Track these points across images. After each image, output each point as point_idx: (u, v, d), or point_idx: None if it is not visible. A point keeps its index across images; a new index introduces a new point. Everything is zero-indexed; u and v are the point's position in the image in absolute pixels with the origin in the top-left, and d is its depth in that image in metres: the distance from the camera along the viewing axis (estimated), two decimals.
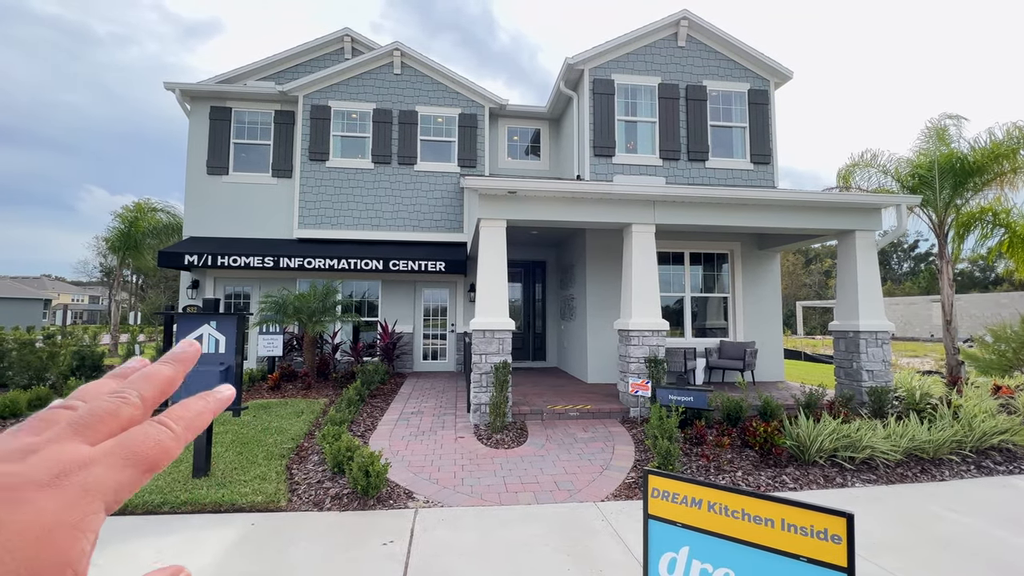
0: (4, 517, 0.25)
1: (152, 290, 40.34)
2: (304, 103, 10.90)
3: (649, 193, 7.19)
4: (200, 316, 4.57)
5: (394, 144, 11.07)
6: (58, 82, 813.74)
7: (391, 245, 10.77)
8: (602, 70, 9.98)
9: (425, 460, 5.17)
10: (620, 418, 6.78)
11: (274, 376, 8.61)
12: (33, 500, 0.27)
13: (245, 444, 5.41)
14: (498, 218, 6.93)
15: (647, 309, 7.05)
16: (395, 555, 3.29)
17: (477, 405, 6.49)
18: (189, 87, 10.85)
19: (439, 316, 11.70)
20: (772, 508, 1.60)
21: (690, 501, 1.76)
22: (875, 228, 7.74)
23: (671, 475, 1.82)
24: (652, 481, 1.85)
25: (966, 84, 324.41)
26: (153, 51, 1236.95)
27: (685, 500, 1.78)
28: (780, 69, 10.39)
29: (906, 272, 47.55)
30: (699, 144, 10.11)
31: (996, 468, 5.10)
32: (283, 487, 4.32)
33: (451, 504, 4.16)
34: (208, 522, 3.74)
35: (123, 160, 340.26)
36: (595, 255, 9.49)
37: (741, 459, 5.16)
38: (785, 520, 1.58)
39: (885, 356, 7.33)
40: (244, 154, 11.21)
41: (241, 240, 10.69)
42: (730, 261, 9.98)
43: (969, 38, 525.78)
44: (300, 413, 6.85)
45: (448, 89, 11.36)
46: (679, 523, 1.79)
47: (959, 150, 9.59)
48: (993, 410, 5.98)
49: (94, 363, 8.28)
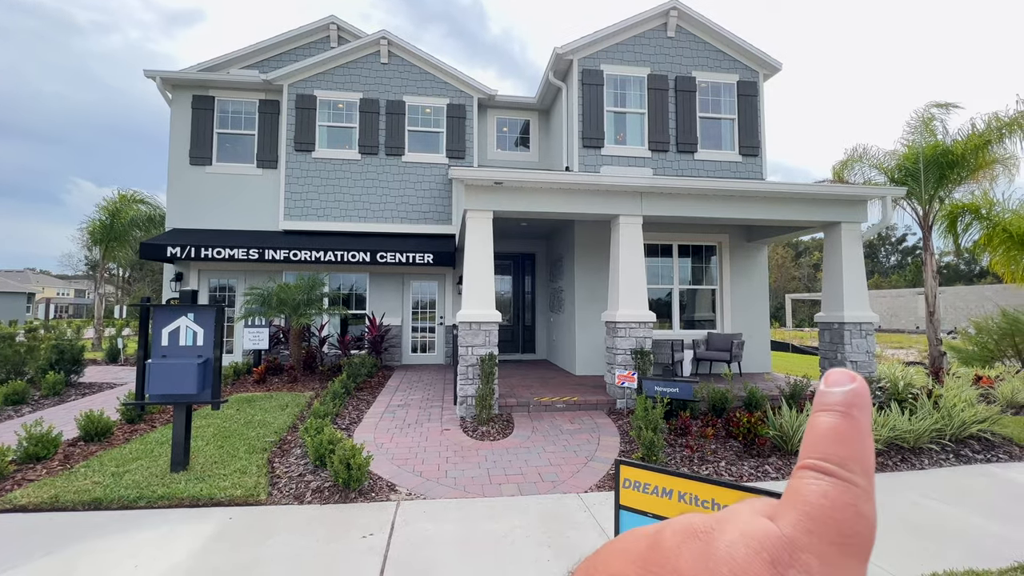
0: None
1: (139, 283, 39.78)
2: (289, 92, 10.71)
3: (636, 184, 7.15)
4: (177, 308, 4.47)
5: (381, 135, 10.93)
6: (41, 71, 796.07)
7: (379, 237, 10.66)
8: (591, 60, 9.89)
9: (410, 453, 5.14)
10: (607, 410, 6.79)
11: (260, 369, 8.52)
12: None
13: (227, 438, 5.34)
14: (484, 209, 6.86)
15: (634, 301, 7.04)
16: (374, 548, 3.26)
17: (463, 397, 6.46)
18: (170, 75, 10.61)
19: (428, 309, 11.63)
20: (741, 498, 1.58)
21: (661, 491, 1.74)
22: (861, 220, 7.78)
23: (642, 465, 1.79)
24: (624, 471, 1.82)
25: (959, 74, 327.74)
26: (136, 39, 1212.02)
27: (656, 490, 1.76)
28: (769, 61, 10.36)
29: (893, 265, 48.13)
30: (688, 136, 10.08)
31: (974, 457, 5.17)
32: (263, 481, 4.26)
33: (434, 496, 4.14)
34: (185, 517, 3.68)
35: (111, 152, 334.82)
36: (584, 247, 9.46)
37: (725, 449, 5.18)
38: None
39: (869, 347, 7.40)
40: (228, 144, 11.00)
41: (225, 232, 10.52)
42: (718, 253, 10.00)
43: (963, 28, 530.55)
44: (285, 406, 6.79)
45: (436, 79, 11.22)
46: (650, 513, 1.77)
47: (944, 142, 9.65)
48: (973, 400, 6.06)
49: (73, 357, 8.13)
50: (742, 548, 0.24)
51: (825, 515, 0.24)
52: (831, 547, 0.24)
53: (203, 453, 4.86)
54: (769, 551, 0.24)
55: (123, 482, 4.13)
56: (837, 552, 0.24)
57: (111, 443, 5.19)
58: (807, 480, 0.26)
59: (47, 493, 3.90)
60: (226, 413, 6.35)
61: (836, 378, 0.29)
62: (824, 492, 0.25)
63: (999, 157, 9.40)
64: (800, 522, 0.24)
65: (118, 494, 3.92)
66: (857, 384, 0.28)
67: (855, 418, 0.27)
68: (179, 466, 4.39)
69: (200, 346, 4.44)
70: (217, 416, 6.18)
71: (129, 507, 3.82)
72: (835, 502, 0.25)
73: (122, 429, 5.65)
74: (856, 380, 0.28)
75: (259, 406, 6.77)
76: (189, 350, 4.41)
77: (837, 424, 0.27)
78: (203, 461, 4.65)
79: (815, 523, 0.24)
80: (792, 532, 0.24)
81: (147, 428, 5.79)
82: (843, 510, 0.24)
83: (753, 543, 0.24)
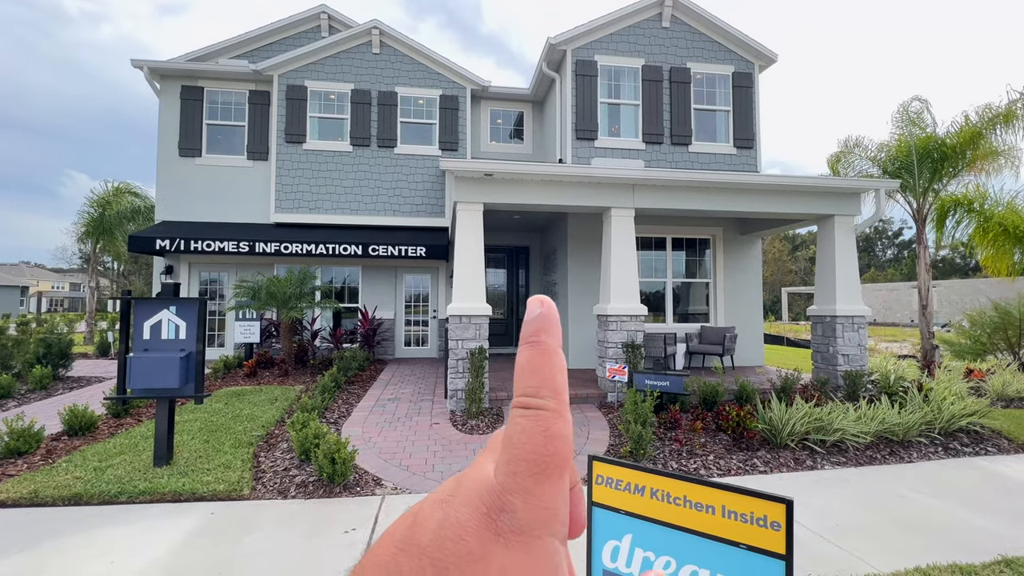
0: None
1: (134, 277, 39.54)
2: (279, 83, 10.56)
3: (628, 177, 7.08)
4: (159, 301, 4.40)
5: (373, 126, 10.80)
6: (32, 62, 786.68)
7: (371, 230, 10.57)
8: (585, 51, 9.77)
9: (397, 447, 5.11)
10: (598, 403, 6.77)
11: (250, 363, 8.46)
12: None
13: (213, 432, 5.30)
14: (475, 201, 6.79)
15: (626, 294, 7.00)
16: (356, 543, 3.22)
17: (453, 391, 6.43)
18: (158, 65, 10.45)
19: (421, 302, 11.58)
20: (713, 494, 1.54)
21: (633, 488, 1.69)
22: (854, 213, 7.73)
23: (614, 461, 1.74)
24: (596, 467, 1.78)
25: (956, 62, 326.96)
26: (128, 30, 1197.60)
27: (629, 487, 1.71)
28: (765, 52, 10.26)
29: (890, 259, 48.23)
30: (682, 128, 9.99)
31: (963, 450, 5.17)
32: (248, 475, 4.22)
33: (419, 491, 4.11)
34: (166, 512, 3.64)
35: (106, 145, 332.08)
36: (577, 241, 9.40)
37: (714, 443, 5.17)
38: (726, 507, 1.52)
39: (861, 340, 7.39)
40: (218, 136, 10.86)
41: (216, 224, 10.42)
42: (712, 246, 9.96)
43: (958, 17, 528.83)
44: (274, 400, 6.74)
45: (428, 70, 11.08)
46: (623, 510, 1.72)
47: (936, 134, 9.59)
48: (963, 393, 6.06)
49: (61, 351, 8.05)
50: (464, 509, 0.25)
51: (521, 450, 0.26)
52: (530, 479, 0.25)
53: (188, 447, 4.81)
54: (485, 502, 0.25)
55: (105, 477, 4.08)
56: (534, 482, 0.25)
57: (95, 438, 5.14)
58: (513, 420, 0.27)
59: (26, 488, 3.85)
60: (214, 407, 6.30)
61: (529, 308, 0.29)
62: (522, 427, 0.26)
63: (999, 149, 9.33)
64: (507, 464, 0.26)
65: (99, 489, 3.87)
66: (544, 308, 0.29)
67: (542, 343, 0.28)
68: (162, 460, 4.34)
69: (183, 339, 4.37)
70: (205, 410, 6.14)
71: (110, 502, 3.78)
72: (529, 433, 0.26)
73: (107, 423, 5.60)
74: (543, 304, 0.29)
75: (248, 400, 6.72)
76: (171, 343, 4.35)
77: (530, 355, 0.28)
78: (187, 455, 4.60)
79: (516, 462, 0.25)
80: (502, 478, 0.25)
81: (133, 422, 5.73)
82: (534, 438, 0.26)
83: (473, 499, 0.25)
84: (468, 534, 0.24)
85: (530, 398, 0.27)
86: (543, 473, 0.25)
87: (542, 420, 0.26)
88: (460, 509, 0.25)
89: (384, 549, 0.26)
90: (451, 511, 0.26)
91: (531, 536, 0.25)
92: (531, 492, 0.25)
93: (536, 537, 0.25)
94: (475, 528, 0.24)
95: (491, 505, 0.25)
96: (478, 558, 0.24)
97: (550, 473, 0.25)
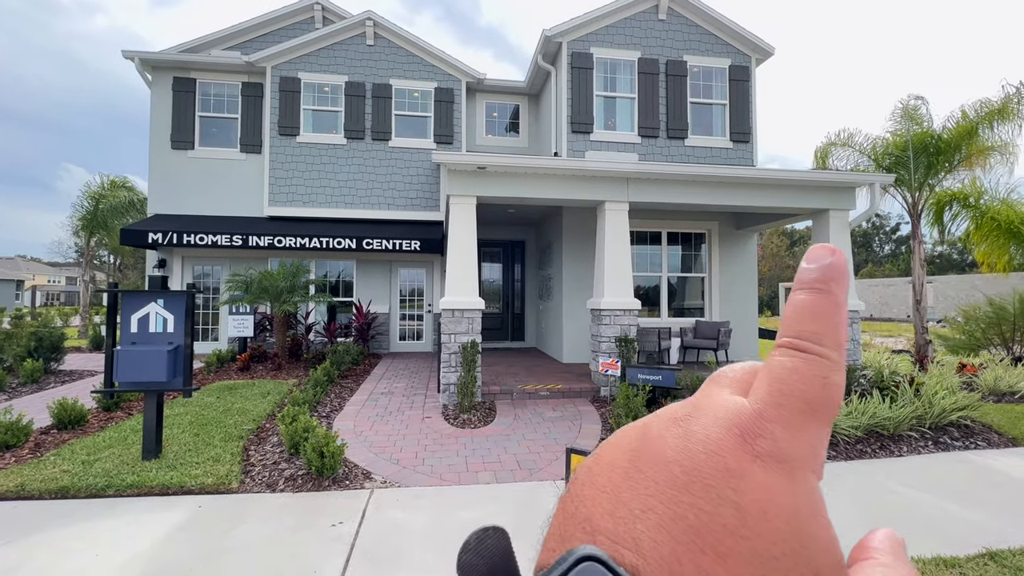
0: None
1: (131, 270, 39.38)
2: (272, 75, 10.47)
3: (622, 170, 7.05)
4: (147, 294, 4.37)
5: (367, 119, 10.72)
6: (26, 53, 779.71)
7: (365, 224, 10.52)
8: (580, 43, 9.70)
9: (388, 440, 5.10)
10: (591, 397, 6.76)
11: (244, 357, 8.44)
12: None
13: (203, 426, 5.28)
14: (468, 194, 6.75)
15: (619, 288, 6.98)
16: (343, 536, 3.22)
17: (446, 385, 6.41)
18: (149, 56, 10.34)
19: (416, 296, 11.55)
20: None
21: None
22: (849, 208, 7.72)
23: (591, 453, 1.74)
24: (575, 460, 1.77)
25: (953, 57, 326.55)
26: (122, 21, 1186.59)
27: None
28: (762, 45, 10.20)
29: (887, 254, 48.28)
30: (678, 121, 9.94)
31: (953, 444, 5.18)
32: (236, 469, 4.21)
33: (409, 484, 4.10)
34: (153, 505, 3.62)
35: (104, 139, 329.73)
36: (572, 234, 9.37)
37: None
38: None
39: (854, 335, 7.39)
40: (211, 128, 10.78)
41: (209, 218, 10.35)
42: (707, 241, 9.94)
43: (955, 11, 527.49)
44: (266, 394, 6.72)
45: (423, 62, 10.98)
46: None
47: (932, 129, 9.56)
48: (955, 387, 6.07)
49: (53, 345, 8.01)
50: (714, 427, 0.25)
51: (793, 388, 0.25)
52: (798, 415, 0.24)
53: (178, 441, 4.80)
54: (739, 425, 0.24)
55: (92, 470, 4.06)
56: (802, 419, 0.24)
57: (85, 431, 5.11)
58: (778, 358, 0.26)
59: (13, 482, 3.83)
60: (205, 401, 6.28)
61: (816, 254, 0.28)
62: (794, 367, 0.25)
63: (994, 144, 9.31)
64: (769, 396, 0.25)
65: (86, 482, 3.85)
66: (836, 257, 0.27)
67: (831, 292, 0.27)
68: (151, 454, 4.33)
69: (171, 332, 4.35)
70: (196, 404, 6.11)
71: (97, 496, 3.76)
72: (804, 375, 0.25)
73: (97, 417, 5.58)
74: (836, 254, 0.28)
75: (240, 394, 6.71)
76: (159, 337, 4.32)
77: (812, 300, 0.27)
78: (177, 449, 4.58)
79: (783, 396, 0.25)
80: (761, 406, 0.25)
81: (123, 416, 5.71)
82: (811, 382, 0.25)
83: (724, 420, 0.25)
84: (724, 451, 0.24)
85: (810, 343, 0.26)
86: (814, 415, 0.25)
87: (822, 367, 0.25)
88: (709, 427, 0.25)
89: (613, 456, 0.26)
90: (697, 428, 0.25)
91: (792, 466, 0.24)
92: (797, 427, 0.24)
93: (798, 468, 0.24)
94: (731, 447, 0.24)
95: (746, 429, 0.24)
96: (737, 475, 0.23)
97: (819, 417, 0.25)
